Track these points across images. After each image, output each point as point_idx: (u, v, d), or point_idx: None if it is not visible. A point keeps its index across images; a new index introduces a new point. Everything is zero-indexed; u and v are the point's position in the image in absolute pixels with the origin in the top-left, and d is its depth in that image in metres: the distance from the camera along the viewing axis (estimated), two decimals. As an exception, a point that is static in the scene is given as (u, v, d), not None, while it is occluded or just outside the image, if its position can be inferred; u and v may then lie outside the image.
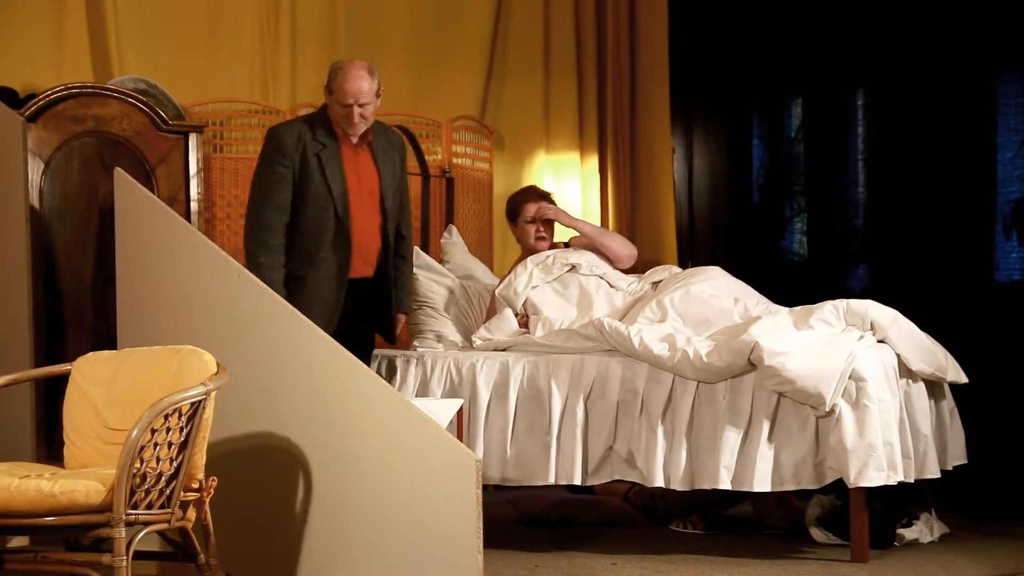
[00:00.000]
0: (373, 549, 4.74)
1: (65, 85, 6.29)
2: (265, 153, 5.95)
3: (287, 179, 5.90)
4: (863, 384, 5.56)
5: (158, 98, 6.83)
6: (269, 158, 5.93)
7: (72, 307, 6.15)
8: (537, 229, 6.81)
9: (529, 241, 6.84)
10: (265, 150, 5.96)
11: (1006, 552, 5.75)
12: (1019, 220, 7.34)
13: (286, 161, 5.89)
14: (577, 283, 6.58)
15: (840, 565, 5.51)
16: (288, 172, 5.90)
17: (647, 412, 5.85)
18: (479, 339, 6.47)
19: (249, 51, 7.73)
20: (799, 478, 5.65)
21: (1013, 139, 7.35)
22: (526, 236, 6.85)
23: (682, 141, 9.01)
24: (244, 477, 5.02)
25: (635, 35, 8.87)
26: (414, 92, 8.16)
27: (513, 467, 6.06)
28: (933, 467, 5.85)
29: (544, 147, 8.65)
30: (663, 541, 6.14)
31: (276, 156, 5.91)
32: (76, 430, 4.70)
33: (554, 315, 6.44)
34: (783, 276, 8.26)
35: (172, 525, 4.41)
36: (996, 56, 7.39)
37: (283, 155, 5.90)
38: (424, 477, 4.61)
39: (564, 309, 6.50)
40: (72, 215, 6.17)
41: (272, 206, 5.90)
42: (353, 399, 4.82)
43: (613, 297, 6.54)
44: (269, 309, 5.07)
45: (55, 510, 4.18)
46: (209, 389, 4.40)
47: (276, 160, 5.90)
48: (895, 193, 7.81)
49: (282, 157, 5.90)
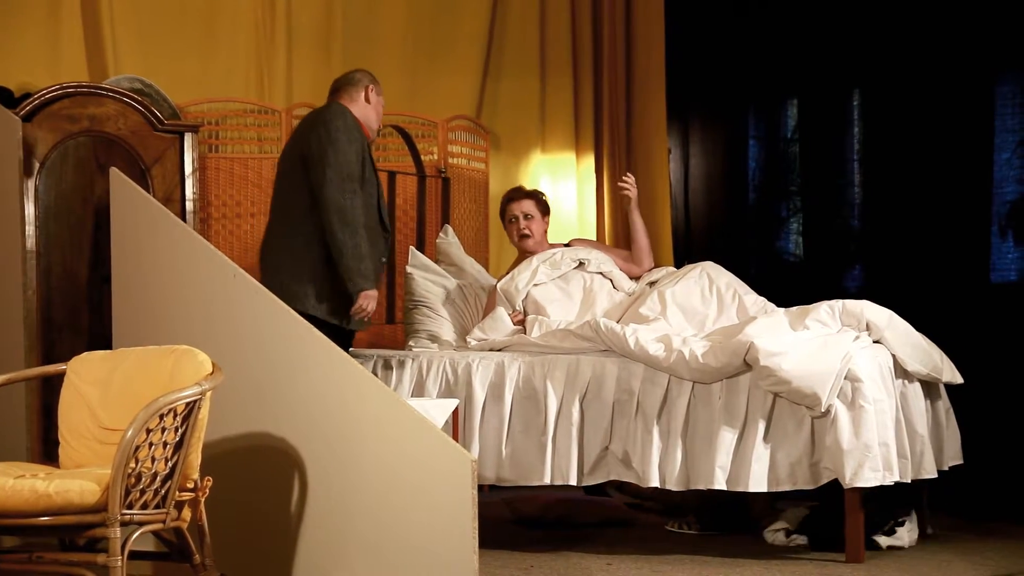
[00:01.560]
0: (369, 549, 4.74)
1: (60, 84, 6.28)
2: (348, 128, 5.93)
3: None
4: (859, 385, 5.56)
5: (153, 98, 6.83)
6: (352, 135, 5.93)
7: (67, 307, 6.14)
8: (519, 228, 6.83)
9: (514, 240, 6.88)
10: (347, 125, 5.94)
11: (1002, 553, 5.75)
12: (1015, 221, 7.34)
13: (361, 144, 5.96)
14: (581, 282, 6.59)
15: (835, 566, 5.51)
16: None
17: (643, 412, 5.85)
18: (474, 339, 6.48)
19: (245, 51, 7.73)
20: (795, 478, 5.65)
21: (1010, 140, 7.36)
22: (510, 235, 6.89)
23: (678, 141, 9.01)
24: (239, 477, 5.02)
25: (631, 35, 8.87)
26: (410, 92, 8.16)
27: (509, 467, 6.06)
28: (930, 467, 5.84)
29: (540, 147, 8.65)
30: (659, 541, 6.14)
31: (358, 135, 5.95)
32: (71, 430, 4.69)
33: (556, 313, 6.44)
34: (779, 276, 8.26)
35: (167, 525, 4.40)
36: (993, 57, 7.39)
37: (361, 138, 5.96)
38: (420, 477, 4.61)
39: (567, 307, 6.50)
40: (67, 215, 6.16)
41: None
42: (349, 399, 4.82)
43: (615, 298, 6.55)
44: (265, 309, 5.07)
45: (50, 510, 4.17)
46: (204, 389, 4.40)
47: (357, 139, 5.93)
48: (891, 194, 7.82)
49: (361, 137, 5.96)
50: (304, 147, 5.94)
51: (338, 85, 6.19)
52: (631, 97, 8.88)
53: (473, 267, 7.26)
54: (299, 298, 5.78)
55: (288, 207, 5.99)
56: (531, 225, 6.84)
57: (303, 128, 6.08)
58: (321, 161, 5.83)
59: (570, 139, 8.72)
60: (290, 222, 5.97)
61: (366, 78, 6.18)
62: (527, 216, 6.85)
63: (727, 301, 6.26)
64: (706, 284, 6.35)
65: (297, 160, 5.98)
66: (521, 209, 6.87)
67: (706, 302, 6.28)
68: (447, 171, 7.86)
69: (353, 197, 5.81)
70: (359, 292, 5.82)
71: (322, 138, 5.86)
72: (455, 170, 7.95)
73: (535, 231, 6.85)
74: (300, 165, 5.94)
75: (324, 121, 5.93)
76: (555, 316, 6.43)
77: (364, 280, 5.81)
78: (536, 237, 6.85)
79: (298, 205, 5.94)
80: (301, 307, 5.66)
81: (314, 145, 5.88)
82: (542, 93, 8.66)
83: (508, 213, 6.91)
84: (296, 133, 6.15)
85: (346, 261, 5.79)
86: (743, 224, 8.76)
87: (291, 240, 5.94)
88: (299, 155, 5.97)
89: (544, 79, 8.66)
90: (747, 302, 6.24)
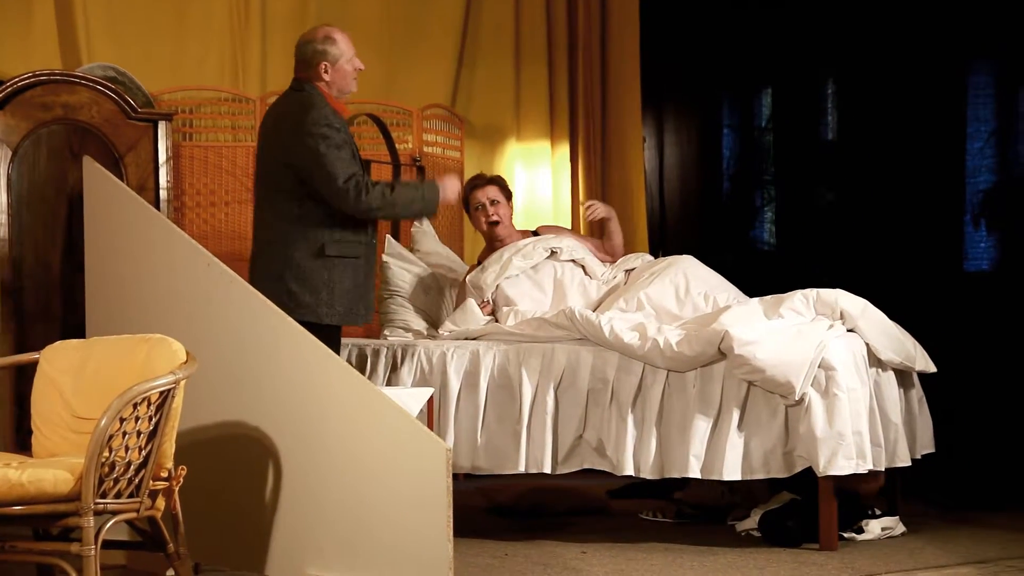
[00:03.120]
0: (342, 537, 4.73)
1: (33, 72, 6.25)
2: (331, 124, 5.67)
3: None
4: (833, 373, 5.57)
5: (127, 86, 6.80)
6: (333, 127, 5.67)
7: (40, 296, 6.12)
8: (487, 215, 6.78)
9: (482, 228, 6.82)
10: (328, 121, 5.67)
11: (974, 540, 5.77)
12: (988, 210, 7.38)
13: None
14: (552, 272, 6.57)
15: (809, 554, 5.53)
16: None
17: (617, 401, 5.86)
18: (445, 331, 6.47)
19: (219, 39, 7.70)
20: (769, 467, 5.66)
21: (982, 129, 7.39)
22: (478, 223, 6.83)
23: (653, 130, 9.03)
24: (213, 466, 5.01)
25: (606, 23, 8.88)
26: (385, 80, 8.15)
27: (483, 456, 6.06)
28: (904, 455, 5.86)
29: (515, 135, 8.65)
30: (633, 530, 6.15)
31: (339, 123, 5.73)
32: (44, 419, 4.67)
33: (528, 307, 6.43)
34: (753, 265, 8.28)
35: (141, 514, 4.39)
36: (966, 47, 7.42)
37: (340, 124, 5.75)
38: (394, 466, 4.60)
39: (538, 300, 6.49)
40: (40, 203, 6.13)
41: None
42: (323, 388, 4.81)
43: (588, 288, 6.54)
44: (238, 298, 5.05)
45: (23, 499, 4.15)
46: (178, 378, 4.38)
47: (343, 131, 5.71)
48: (864, 183, 7.84)
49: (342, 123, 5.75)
50: (294, 157, 5.62)
51: (296, 59, 5.82)
52: (606, 86, 8.88)
53: (449, 256, 7.26)
54: (309, 307, 5.62)
55: (280, 213, 5.72)
56: (499, 210, 6.77)
57: (283, 130, 5.70)
58: (323, 175, 5.58)
59: (545, 127, 8.72)
60: (284, 228, 5.69)
61: (317, 54, 5.74)
62: (493, 202, 6.78)
63: (700, 306, 6.24)
64: (681, 284, 6.31)
65: (283, 168, 5.65)
66: (487, 195, 6.79)
67: (680, 304, 6.26)
68: (422, 160, 7.85)
69: (365, 189, 5.60)
70: (435, 199, 5.81)
71: (312, 149, 5.58)
72: (430, 159, 7.94)
73: (504, 216, 6.78)
74: (290, 173, 5.64)
75: (309, 126, 5.60)
76: (525, 309, 6.42)
77: (425, 204, 5.80)
78: (505, 222, 6.78)
79: (290, 211, 5.67)
80: (314, 318, 5.55)
81: (308, 160, 5.58)
82: (517, 82, 8.65)
83: (473, 200, 6.80)
84: (274, 131, 5.76)
85: (395, 212, 5.81)
86: (717, 213, 8.79)
87: (291, 247, 5.68)
88: (285, 164, 5.64)
89: (519, 68, 8.66)
90: (720, 302, 6.22)
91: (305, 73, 5.77)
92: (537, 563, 5.43)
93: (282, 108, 5.81)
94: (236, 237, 7.23)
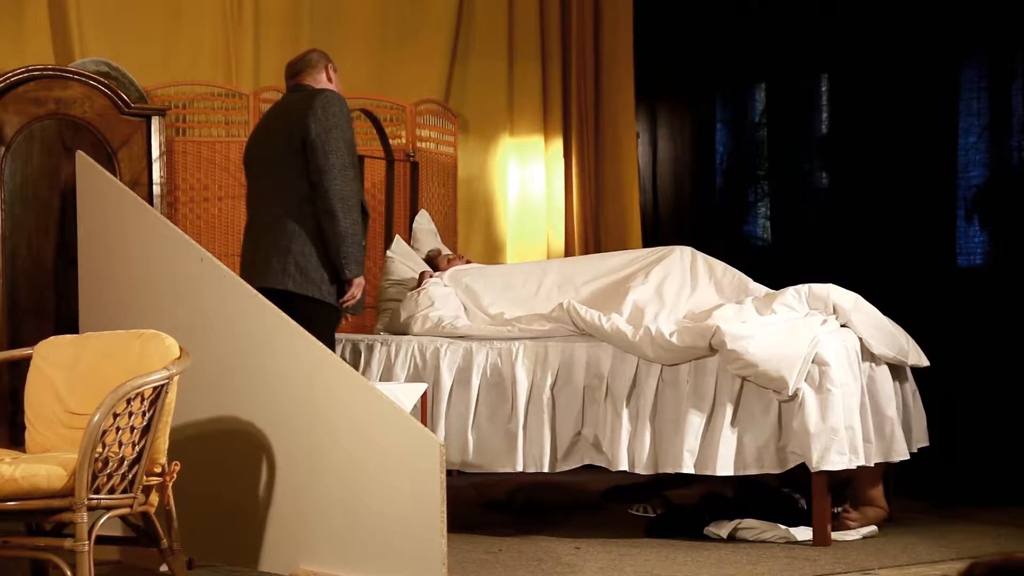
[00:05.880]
0: (336, 533, 4.74)
1: (26, 67, 6.25)
2: (344, 114, 5.77)
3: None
4: (826, 368, 5.57)
5: (120, 81, 6.79)
6: (348, 120, 5.79)
7: (34, 291, 6.12)
8: (450, 261, 7.01)
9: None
10: (343, 111, 5.77)
11: (966, 535, 5.78)
12: (981, 205, 7.37)
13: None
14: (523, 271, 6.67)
15: (803, 549, 5.53)
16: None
17: (612, 396, 5.86)
18: (431, 320, 6.46)
19: (212, 34, 7.70)
20: (762, 462, 5.66)
21: (975, 124, 7.38)
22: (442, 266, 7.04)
23: (646, 125, 9.03)
24: (207, 462, 5.01)
25: (600, 19, 8.88)
26: (378, 76, 8.14)
27: (474, 453, 6.05)
28: (901, 449, 5.87)
29: (508, 131, 8.65)
30: (626, 526, 6.15)
31: (350, 119, 5.81)
32: (37, 414, 4.67)
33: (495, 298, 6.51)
34: (746, 260, 8.26)
35: (134, 510, 4.39)
36: (958, 42, 7.41)
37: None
38: (388, 461, 4.61)
39: (510, 296, 6.53)
40: (33, 198, 6.13)
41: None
42: (317, 383, 4.81)
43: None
44: (232, 293, 5.05)
45: (16, 495, 4.15)
46: (172, 373, 4.38)
47: (350, 124, 5.79)
48: (858, 178, 7.84)
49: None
50: (304, 132, 5.68)
51: (299, 68, 5.95)
52: (599, 81, 8.88)
53: (443, 251, 7.28)
54: (316, 283, 5.69)
55: (290, 191, 5.74)
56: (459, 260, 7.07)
57: (296, 111, 5.77)
58: (323, 147, 5.64)
59: (538, 123, 8.72)
60: (294, 205, 5.73)
61: (323, 58, 5.98)
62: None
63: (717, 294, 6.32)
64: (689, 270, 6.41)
65: (297, 144, 5.71)
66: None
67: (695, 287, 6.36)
68: (415, 155, 7.85)
69: (353, 183, 5.68)
70: (354, 278, 5.74)
71: (322, 123, 5.68)
72: (423, 154, 7.94)
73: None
74: (301, 149, 5.70)
75: (322, 106, 5.70)
76: (490, 302, 6.49)
77: (359, 267, 5.73)
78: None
79: (302, 189, 5.70)
80: (317, 293, 5.62)
81: (314, 131, 5.66)
82: (510, 77, 8.65)
83: (439, 266, 7.04)
84: (284, 117, 5.83)
85: (347, 248, 5.64)
86: (711, 208, 8.78)
87: (300, 224, 5.71)
88: (300, 139, 5.70)
89: (512, 63, 8.65)
90: (750, 285, 6.35)
91: (311, 76, 5.87)
92: (531, 558, 5.43)
93: (297, 97, 5.83)
94: (229, 232, 7.23)
